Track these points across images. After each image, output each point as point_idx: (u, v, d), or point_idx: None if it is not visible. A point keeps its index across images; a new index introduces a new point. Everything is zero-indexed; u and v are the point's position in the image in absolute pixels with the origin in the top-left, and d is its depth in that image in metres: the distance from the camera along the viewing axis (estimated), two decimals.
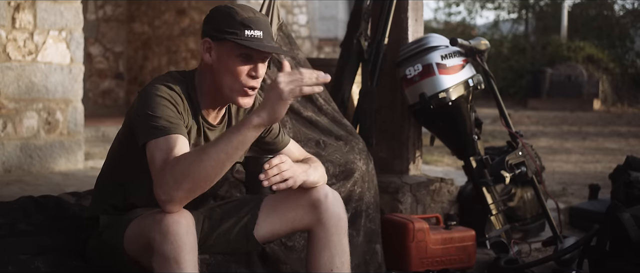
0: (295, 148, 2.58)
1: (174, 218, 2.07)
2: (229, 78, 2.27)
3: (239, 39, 2.22)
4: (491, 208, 3.77)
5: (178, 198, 2.07)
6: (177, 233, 2.05)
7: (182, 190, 2.05)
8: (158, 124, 2.15)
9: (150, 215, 2.14)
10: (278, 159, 2.22)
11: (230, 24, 2.23)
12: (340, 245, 2.41)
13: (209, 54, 2.29)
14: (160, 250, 2.05)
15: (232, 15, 2.24)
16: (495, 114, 7.87)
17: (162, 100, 2.20)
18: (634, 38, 17.97)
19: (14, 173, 5.28)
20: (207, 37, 2.29)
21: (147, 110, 2.18)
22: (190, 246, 2.07)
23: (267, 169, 2.19)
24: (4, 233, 2.63)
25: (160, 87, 2.23)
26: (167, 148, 2.11)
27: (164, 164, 2.08)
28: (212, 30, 2.27)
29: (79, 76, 5.70)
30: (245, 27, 2.23)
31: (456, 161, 6.68)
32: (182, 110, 2.26)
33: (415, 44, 3.81)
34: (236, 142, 2.06)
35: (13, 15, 5.27)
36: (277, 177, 2.20)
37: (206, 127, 2.38)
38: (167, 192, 2.05)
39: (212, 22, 2.28)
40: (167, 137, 2.14)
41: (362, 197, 3.22)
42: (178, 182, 2.04)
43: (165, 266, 2.05)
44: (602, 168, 7.19)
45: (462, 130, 3.77)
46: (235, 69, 2.25)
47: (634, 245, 3.13)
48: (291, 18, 11.64)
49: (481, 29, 20.49)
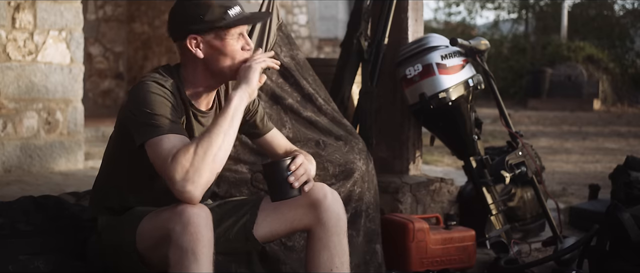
0: (282, 138, 2.64)
1: (195, 211, 2.10)
2: (228, 61, 2.32)
3: (229, 22, 2.28)
4: (491, 208, 3.77)
5: (200, 182, 2.10)
6: (197, 225, 2.09)
7: (205, 175, 2.10)
8: (158, 123, 2.16)
9: (167, 208, 2.17)
10: (301, 158, 2.29)
11: (212, 11, 2.28)
12: (340, 245, 2.41)
13: (199, 48, 2.31)
14: (179, 242, 2.08)
15: (206, 4, 2.28)
16: (495, 114, 7.86)
17: (157, 97, 2.21)
18: (634, 38, 17.97)
19: (14, 173, 5.28)
20: (191, 35, 2.30)
21: (144, 108, 2.19)
22: (207, 239, 2.11)
23: (294, 170, 2.25)
24: (4, 233, 2.63)
25: (152, 84, 2.24)
26: (171, 146, 2.13)
27: (175, 159, 2.09)
28: (195, 25, 2.29)
29: (79, 76, 5.70)
30: (226, 8, 2.29)
31: (456, 161, 6.68)
32: (176, 104, 2.27)
33: (415, 44, 3.81)
34: (231, 111, 2.20)
35: (13, 15, 5.27)
36: (304, 177, 2.27)
37: (199, 115, 2.40)
38: (191, 183, 2.09)
39: (189, 17, 2.30)
40: (169, 136, 2.15)
41: (362, 197, 3.22)
42: (199, 170, 2.09)
43: (182, 258, 2.07)
44: (602, 168, 7.19)
45: (462, 130, 3.77)
46: (231, 51, 2.32)
47: (634, 245, 3.13)
48: (291, 18, 11.64)
49: (481, 29, 20.49)
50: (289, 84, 3.33)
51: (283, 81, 3.33)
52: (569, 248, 3.43)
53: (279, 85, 3.31)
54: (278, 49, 3.33)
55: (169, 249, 2.10)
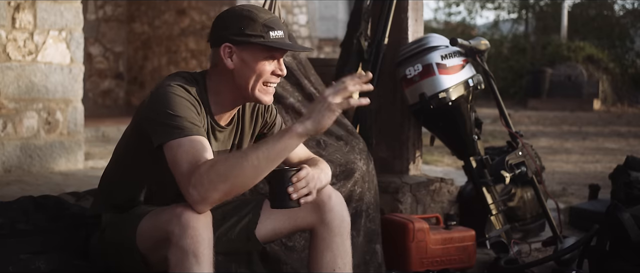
0: (300, 147, 2.52)
1: (194, 213, 2.08)
2: (253, 79, 2.28)
3: (266, 41, 2.24)
4: (491, 208, 3.77)
5: (212, 200, 2.08)
6: (196, 228, 2.07)
7: (218, 191, 2.06)
8: (180, 124, 2.14)
9: (167, 209, 2.14)
10: (305, 172, 2.22)
11: (253, 27, 2.24)
12: (343, 246, 2.41)
13: (231, 58, 2.28)
14: (180, 244, 2.06)
15: (252, 18, 2.25)
16: (495, 114, 7.87)
17: (182, 100, 2.19)
18: (634, 38, 17.97)
19: (14, 173, 5.28)
20: (227, 43, 2.28)
21: (167, 109, 2.16)
22: (208, 241, 2.09)
23: (296, 182, 2.20)
24: (4, 233, 2.63)
25: (177, 87, 2.22)
26: (193, 150, 2.10)
27: (193, 165, 2.07)
28: (233, 35, 2.26)
29: (79, 76, 5.70)
30: (269, 29, 2.25)
31: (456, 161, 6.68)
32: (200, 112, 2.26)
33: (415, 44, 3.81)
34: (278, 149, 2.08)
35: (13, 15, 5.27)
36: (305, 190, 2.21)
37: (216, 128, 2.37)
38: (201, 192, 2.06)
39: (230, 27, 2.27)
40: (192, 138, 2.13)
41: (362, 197, 3.22)
42: (214, 184, 2.05)
43: (183, 260, 2.06)
44: (602, 168, 7.19)
45: (462, 130, 3.77)
46: (261, 70, 2.28)
47: (634, 245, 3.13)
48: (291, 18, 11.64)
49: (481, 29, 20.50)
50: (290, 84, 3.33)
51: (284, 81, 3.33)
52: (569, 248, 3.43)
53: (280, 85, 3.31)
54: None
55: (169, 251, 2.09)
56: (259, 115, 2.51)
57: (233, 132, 2.45)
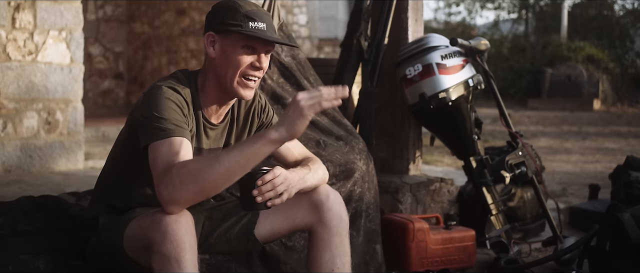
0: (295, 146, 2.54)
1: (173, 218, 2.07)
2: (231, 69, 2.29)
3: (243, 30, 2.25)
4: (491, 208, 3.77)
5: (182, 200, 2.06)
6: (176, 233, 2.05)
7: (187, 192, 2.05)
8: (163, 126, 2.15)
9: (148, 215, 2.14)
10: (271, 175, 2.18)
11: (234, 16, 2.27)
12: (341, 246, 2.41)
13: (213, 47, 2.31)
14: (161, 250, 2.05)
15: (235, 8, 2.28)
16: (495, 114, 7.87)
17: (169, 102, 2.21)
18: (634, 38, 17.96)
19: (14, 173, 5.28)
20: (210, 31, 2.31)
21: (153, 111, 2.18)
22: (190, 245, 2.07)
23: (260, 185, 2.16)
24: (4, 233, 2.62)
25: (166, 89, 2.24)
26: (170, 151, 2.11)
27: (168, 165, 2.07)
28: (216, 24, 2.30)
29: (79, 76, 5.70)
30: (249, 19, 2.26)
31: (456, 161, 6.68)
32: (187, 113, 2.26)
33: (415, 44, 3.81)
34: (250, 154, 2.07)
35: (13, 15, 5.27)
36: (271, 193, 2.17)
37: (207, 126, 2.38)
38: (171, 192, 2.05)
39: (215, 17, 2.31)
40: (171, 140, 2.14)
41: (362, 197, 3.22)
42: (184, 184, 2.04)
43: (165, 266, 2.05)
44: (602, 168, 7.19)
45: (462, 130, 3.77)
46: (238, 60, 2.28)
47: (634, 245, 3.13)
48: (291, 18, 11.64)
49: (481, 29, 20.50)
50: (289, 84, 3.33)
51: (284, 81, 3.33)
52: (569, 248, 3.43)
53: (280, 85, 3.31)
54: (279, 48, 3.33)
55: (152, 257, 2.08)
56: (255, 115, 2.52)
57: (226, 130, 2.45)
